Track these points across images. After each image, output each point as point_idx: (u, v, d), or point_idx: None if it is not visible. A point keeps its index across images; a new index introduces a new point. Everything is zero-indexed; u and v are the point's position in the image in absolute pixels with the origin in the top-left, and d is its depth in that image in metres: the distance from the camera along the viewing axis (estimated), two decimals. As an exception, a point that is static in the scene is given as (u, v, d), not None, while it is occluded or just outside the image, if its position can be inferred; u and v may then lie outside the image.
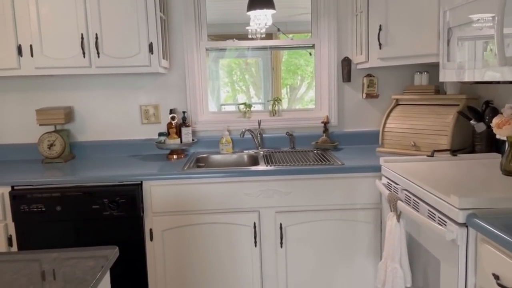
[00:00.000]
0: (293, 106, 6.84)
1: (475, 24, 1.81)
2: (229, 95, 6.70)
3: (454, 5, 1.97)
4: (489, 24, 1.69)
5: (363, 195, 2.28)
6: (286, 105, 6.71)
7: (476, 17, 1.80)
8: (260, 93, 6.84)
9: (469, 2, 1.82)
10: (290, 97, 7.04)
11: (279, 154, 2.76)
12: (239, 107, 2.95)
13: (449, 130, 2.35)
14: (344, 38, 2.85)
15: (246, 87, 6.82)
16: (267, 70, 6.06)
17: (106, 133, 2.85)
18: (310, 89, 6.53)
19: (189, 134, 2.71)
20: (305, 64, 6.06)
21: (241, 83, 6.73)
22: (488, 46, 1.72)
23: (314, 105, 3.00)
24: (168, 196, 2.25)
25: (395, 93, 2.83)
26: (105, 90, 2.82)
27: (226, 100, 6.60)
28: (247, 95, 7.01)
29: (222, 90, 6.35)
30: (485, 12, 1.73)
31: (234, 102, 6.87)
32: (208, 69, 2.95)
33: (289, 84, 6.95)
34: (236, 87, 6.77)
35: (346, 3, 2.81)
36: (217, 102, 5.90)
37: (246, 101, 2.96)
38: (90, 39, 2.44)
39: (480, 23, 1.77)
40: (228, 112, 3.12)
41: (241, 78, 6.78)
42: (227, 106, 6.65)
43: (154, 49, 2.47)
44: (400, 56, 2.41)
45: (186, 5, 2.78)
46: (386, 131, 2.66)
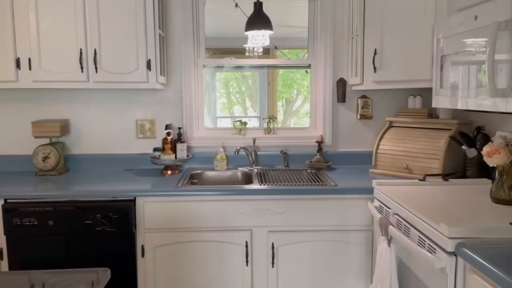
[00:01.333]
0: (289, 119, 6.89)
1: (467, 53, 1.86)
2: (225, 106, 6.74)
3: (448, 34, 2.02)
4: (482, 54, 1.74)
5: (356, 217, 2.30)
6: (282, 117, 6.76)
7: (469, 46, 1.84)
8: (256, 106, 6.89)
9: (463, 32, 1.87)
10: (286, 110, 7.09)
11: (273, 172, 2.78)
12: (234, 124, 2.97)
13: (441, 155, 2.38)
14: (340, 59, 2.89)
15: (243, 99, 6.87)
16: (264, 84, 6.11)
17: (102, 146, 2.86)
18: (306, 102, 6.59)
19: (184, 150, 2.73)
20: (301, 78, 6.12)
21: (237, 95, 6.78)
22: (481, 75, 1.77)
23: (309, 124, 3.03)
24: (161, 213, 2.26)
25: (389, 115, 2.87)
26: (101, 104, 2.84)
27: (222, 110, 6.64)
28: (243, 106, 7.05)
29: (219, 102, 6.39)
30: (478, 42, 1.77)
31: (230, 113, 6.92)
32: (204, 82, 2.97)
33: (285, 97, 7.01)
34: (232, 98, 6.82)
35: (343, 26, 2.86)
36: (213, 115, 5.93)
37: (242, 113, 2.99)
38: (88, 54, 2.46)
39: (472, 53, 1.82)
40: (223, 128, 3.13)
41: (238, 90, 6.83)
42: (223, 120, 6.69)
43: (152, 66, 2.50)
44: (394, 80, 2.45)
45: (184, 22, 2.81)
46: (379, 153, 2.69)
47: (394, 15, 2.40)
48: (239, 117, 7.05)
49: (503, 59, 1.59)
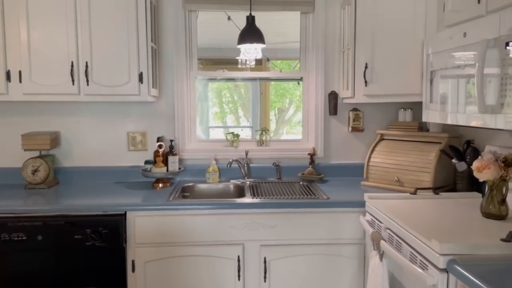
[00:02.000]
0: (282, 128, 6.89)
1: (456, 69, 1.88)
2: (218, 115, 6.72)
3: (438, 50, 2.05)
4: (471, 70, 1.76)
5: (348, 230, 2.30)
6: (275, 126, 6.76)
7: (458, 62, 1.87)
8: (249, 115, 6.89)
9: (452, 48, 1.90)
10: (278, 119, 7.11)
11: (265, 184, 2.78)
12: (226, 136, 2.97)
13: (432, 168, 2.40)
14: (331, 72, 2.91)
15: (235, 108, 6.87)
16: (256, 94, 6.12)
17: (92, 159, 2.84)
18: (298, 112, 6.62)
19: (175, 162, 2.71)
20: (293, 88, 6.14)
21: (230, 104, 6.78)
22: (470, 91, 1.79)
23: (301, 135, 3.03)
24: (152, 227, 2.24)
25: (380, 127, 2.89)
26: (93, 116, 2.82)
27: (215, 119, 6.63)
28: (235, 115, 7.05)
29: (211, 111, 6.37)
30: (467, 59, 1.80)
31: (223, 123, 6.90)
32: (197, 92, 2.97)
33: (277, 106, 7.03)
34: (225, 107, 6.82)
35: (334, 39, 2.89)
36: (206, 124, 5.92)
37: (235, 122, 2.99)
38: (80, 67, 2.45)
39: (461, 69, 1.84)
40: (215, 140, 3.13)
41: (231, 100, 6.83)
42: (216, 130, 6.68)
43: (144, 79, 2.49)
44: (385, 94, 2.47)
45: (177, 35, 2.82)
46: (370, 165, 2.70)
47: (384, 29, 2.43)
48: (231, 127, 7.08)
49: (492, 76, 1.61)
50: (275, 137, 6.98)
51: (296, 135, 7.13)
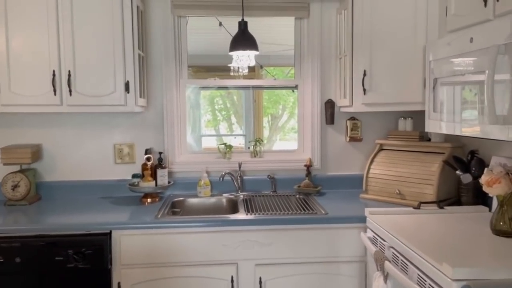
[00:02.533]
0: (275, 135, 6.78)
1: (462, 77, 1.77)
2: (210, 122, 6.62)
3: (440, 56, 1.94)
4: (478, 78, 1.65)
5: (347, 247, 2.16)
6: (268, 133, 6.65)
7: (464, 70, 1.76)
8: (242, 122, 6.78)
9: (457, 54, 1.79)
10: (272, 125, 7.00)
11: (260, 198, 2.64)
12: (219, 147, 2.84)
13: (435, 180, 2.28)
14: (327, 80, 2.80)
15: (228, 115, 6.76)
16: (249, 102, 6.00)
17: (77, 172, 2.68)
18: (292, 118, 6.51)
19: (165, 176, 2.57)
20: (287, 94, 6.05)
21: (223, 111, 6.66)
22: (478, 101, 1.67)
23: (297, 144, 2.91)
24: (139, 247, 2.09)
25: (379, 137, 2.77)
26: (77, 128, 2.67)
27: (207, 126, 6.49)
28: (228, 122, 6.92)
29: (203, 119, 6.25)
30: (474, 66, 1.68)
31: (216, 130, 6.77)
32: (188, 100, 2.84)
33: (271, 113, 6.93)
34: (217, 114, 6.71)
35: (330, 45, 2.77)
36: (198, 133, 5.78)
37: (227, 129, 2.86)
38: (62, 76, 2.31)
39: (468, 77, 1.73)
40: (207, 152, 3.00)
41: (223, 107, 6.71)
42: (208, 138, 6.54)
43: (131, 88, 2.36)
44: (384, 102, 2.36)
45: (166, 42, 2.69)
46: (370, 177, 2.58)
47: (383, 35, 2.32)
48: (224, 135, 6.95)
49: (502, 83, 1.50)
50: (269, 144, 6.89)
51: (290, 142, 6.99)
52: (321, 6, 2.74)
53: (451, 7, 1.97)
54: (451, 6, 1.97)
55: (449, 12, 1.99)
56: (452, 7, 1.96)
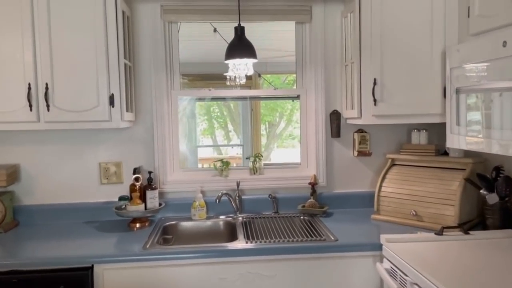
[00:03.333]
0: (273, 143, 6.58)
1: (494, 85, 1.54)
2: (207, 130, 6.43)
3: (463, 63, 1.71)
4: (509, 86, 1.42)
5: (361, 279, 1.92)
6: (265, 140, 6.45)
7: (494, 78, 1.53)
8: (239, 131, 6.58)
9: (485, 61, 1.56)
10: (269, 133, 6.80)
11: (260, 220, 2.40)
12: (215, 164, 2.59)
13: (456, 200, 2.04)
14: (333, 89, 2.57)
15: (225, 123, 6.56)
16: (246, 110, 5.78)
17: (59, 195, 2.43)
18: (289, 125, 6.31)
19: (155, 198, 2.32)
20: (284, 101, 5.85)
21: (220, 119, 6.45)
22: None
23: (300, 160, 2.67)
24: (125, 282, 1.84)
25: (390, 151, 2.54)
26: (58, 145, 2.42)
27: (203, 133, 6.28)
28: (225, 130, 6.70)
29: (199, 128, 6.04)
30: (502, 73, 1.46)
31: (213, 139, 6.56)
32: (183, 109, 2.59)
33: (268, 120, 6.73)
34: (213, 122, 6.52)
35: (335, 51, 2.55)
36: (194, 143, 5.54)
37: (224, 136, 2.62)
38: (39, 90, 2.07)
39: (501, 85, 1.50)
40: (202, 170, 2.76)
41: (220, 115, 6.47)
42: (203, 150, 6.32)
43: (116, 102, 2.12)
44: (398, 114, 2.13)
45: (155, 50, 2.45)
46: (381, 196, 2.34)
47: (395, 39, 2.10)
48: (221, 146, 6.72)
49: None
50: (266, 152, 6.68)
51: (288, 149, 6.72)
52: (324, 9, 2.51)
53: (474, 7, 1.75)
54: (475, 6, 1.75)
55: (472, 12, 1.76)
56: (476, 7, 1.74)
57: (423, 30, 2.01)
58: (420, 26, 2.01)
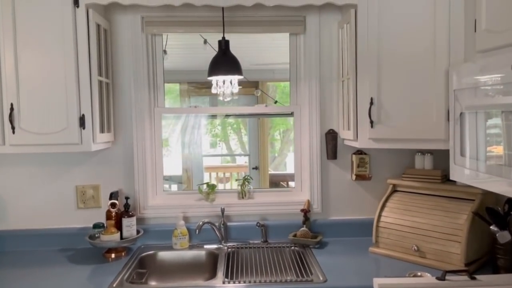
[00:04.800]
0: (286, 148, 6.41)
1: (502, 112, 1.31)
2: (217, 135, 6.32)
3: (469, 85, 1.48)
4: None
5: (351, 326, 1.70)
6: (279, 145, 6.28)
7: (504, 105, 1.29)
8: (241, 139, 6.43)
9: (494, 84, 1.32)
10: (283, 138, 6.61)
11: (247, 251, 2.19)
12: (200, 188, 2.40)
13: (463, 236, 1.80)
14: (329, 106, 2.35)
15: (238, 128, 6.43)
16: (253, 120, 5.58)
17: (32, 220, 2.28)
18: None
19: (132, 226, 2.15)
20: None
21: (234, 125, 6.30)
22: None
23: (294, 184, 2.46)
24: (87, 326, 1.66)
25: (392, 175, 2.30)
26: (31, 167, 2.27)
27: (212, 135, 6.15)
28: (238, 135, 6.54)
29: (204, 138, 5.91)
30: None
31: (226, 144, 6.42)
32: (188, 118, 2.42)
33: (282, 128, 6.56)
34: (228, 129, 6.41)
35: (331, 65, 2.33)
36: (199, 152, 5.39)
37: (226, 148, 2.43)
38: (4, 111, 1.92)
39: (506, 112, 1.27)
40: (187, 192, 2.58)
41: (233, 122, 6.28)
42: (209, 158, 6.17)
43: (87, 123, 1.95)
44: (397, 138, 1.90)
45: (136, 65, 2.28)
46: (381, 226, 2.11)
47: (394, 56, 1.87)
48: (227, 155, 6.55)
49: None
50: (280, 157, 6.50)
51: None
52: (319, 19, 2.30)
53: (481, 20, 1.51)
54: (482, 19, 1.51)
55: (479, 26, 1.53)
56: (483, 21, 1.50)
57: (425, 45, 1.78)
58: (422, 41, 1.78)
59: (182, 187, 4.44)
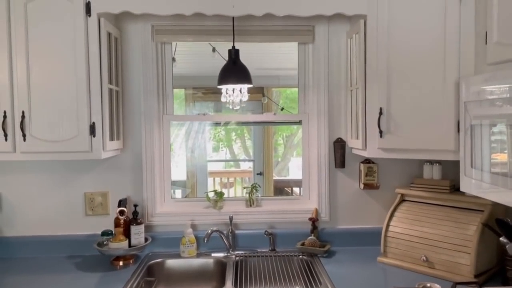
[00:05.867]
0: (289, 152, 6.44)
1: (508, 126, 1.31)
2: (221, 140, 6.34)
3: (480, 97, 1.48)
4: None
5: (361, 337, 1.69)
6: (282, 150, 6.31)
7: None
8: (245, 145, 6.45)
9: (505, 98, 1.33)
10: (287, 143, 6.63)
11: (255, 259, 2.19)
12: (207, 195, 2.41)
13: (473, 248, 1.80)
14: (337, 115, 2.35)
15: (242, 133, 6.45)
16: (258, 126, 5.59)
17: (41, 226, 2.29)
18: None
19: (140, 233, 2.15)
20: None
21: (238, 130, 6.32)
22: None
23: (301, 193, 2.46)
24: (97, 334, 1.67)
25: (400, 184, 2.30)
26: (41, 174, 2.28)
27: (217, 139, 6.17)
28: (242, 140, 6.56)
29: (208, 144, 5.92)
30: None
31: (219, 155, 6.44)
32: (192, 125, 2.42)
33: (285, 133, 6.58)
34: (232, 134, 6.43)
35: (340, 75, 2.34)
36: (204, 158, 5.40)
37: (241, 148, 2.44)
38: (15, 118, 1.93)
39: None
40: (195, 200, 2.57)
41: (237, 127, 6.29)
42: (215, 164, 6.20)
43: (97, 131, 1.97)
44: (406, 148, 1.90)
45: (146, 73, 2.29)
46: (389, 236, 2.11)
47: (404, 67, 1.88)
48: (232, 160, 6.56)
49: None
50: (283, 162, 6.52)
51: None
52: (328, 29, 2.31)
53: (492, 32, 1.52)
54: (493, 31, 1.51)
55: (490, 39, 1.53)
56: (494, 33, 1.51)
57: (435, 56, 1.78)
58: (432, 52, 1.79)
59: (186, 192, 4.45)
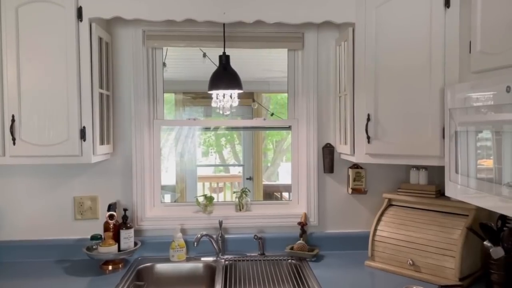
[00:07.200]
0: (279, 157, 6.46)
1: (494, 131, 1.36)
2: (209, 143, 6.36)
3: (463, 104, 1.53)
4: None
5: None
6: (272, 155, 6.32)
7: (497, 125, 1.34)
8: (235, 150, 6.46)
9: (487, 105, 1.37)
10: (276, 148, 6.65)
11: (244, 264, 2.21)
12: (197, 199, 2.42)
13: (457, 251, 1.84)
14: (326, 121, 2.39)
15: (232, 139, 6.46)
16: (247, 131, 5.62)
17: (29, 231, 2.27)
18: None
19: (130, 238, 2.15)
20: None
21: (228, 136, 6.34)
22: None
23: (291, 197, 2.49)
24: None
25: (387, 189, 2.34)
26: (29, 178, 2.27)
27: (206, 144, 6.18)
28: (231, 145, 6.57)
29: (198, 149, 5.93)
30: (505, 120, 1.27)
31: (209, 160, 6.44)
32: (181, 129, 2.44)
33: (276, 139, 6.61)
34: (212, 138, 6.43)
35: (329, 81, 2.38)
36: (193, 163, 5.40)
37: (231, 153, 2.45)
38: (5, 122, 1.93)
39: (502, 132, 1.31)
40: (184, 204, 2.59)
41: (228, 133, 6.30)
42: (205, 168, 6.20)
43: (88, 135, 1.97)
44: (393, 154, 1.94)
45: (136, 78, 2.30)
46: (376, 240, 2.14)
47: (391, 74, 1.92)
48: (221, 165, 6.57)
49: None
50: (273, 167, 6.54)
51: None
52: (317, 36, 2.35)
53: (476, 41, 1.57)
54: (476, 41, 1.56)
55: (474, 48, 1.58)
56: (478, 42, 1.56)
57: (421, 64, 1.82)
58: (418, 60, 1.83)
59: (175, 196, 4.44)
